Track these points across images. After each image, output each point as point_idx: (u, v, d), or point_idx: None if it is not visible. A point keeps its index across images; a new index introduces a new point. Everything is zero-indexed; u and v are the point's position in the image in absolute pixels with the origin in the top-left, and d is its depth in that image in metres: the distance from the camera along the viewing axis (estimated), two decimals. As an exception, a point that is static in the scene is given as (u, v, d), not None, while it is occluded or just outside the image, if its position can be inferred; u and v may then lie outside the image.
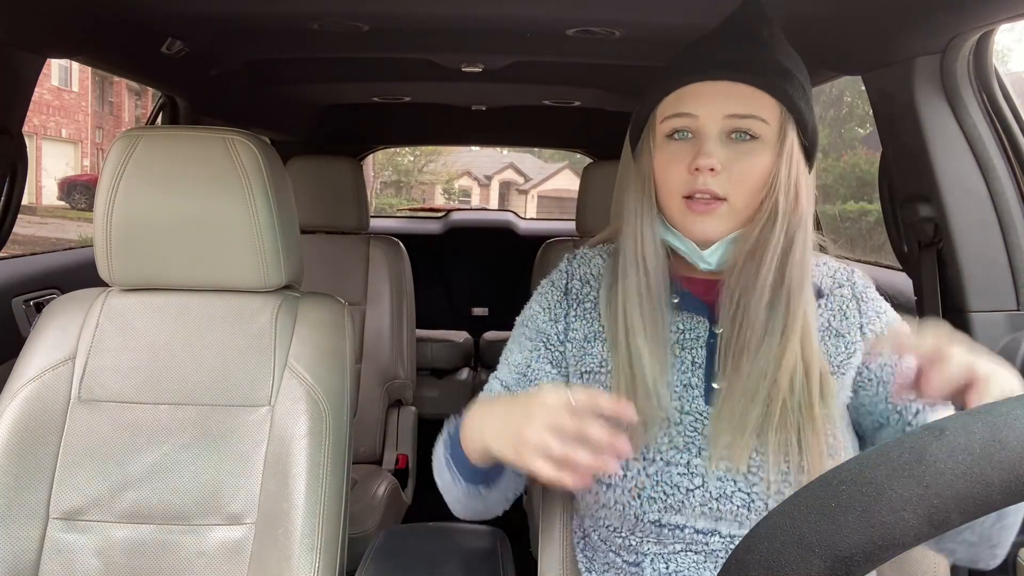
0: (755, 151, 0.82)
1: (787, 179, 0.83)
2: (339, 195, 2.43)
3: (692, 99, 0.83)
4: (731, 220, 0.83)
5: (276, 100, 2.56)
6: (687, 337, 0.89)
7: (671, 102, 0.85)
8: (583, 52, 1.86)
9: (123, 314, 1.21)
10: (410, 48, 1.96)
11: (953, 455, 0.42)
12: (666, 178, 0.84)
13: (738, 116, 0.82)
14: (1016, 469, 0.41)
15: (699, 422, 0.86)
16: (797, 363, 0.83)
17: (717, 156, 0.81)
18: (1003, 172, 1.27)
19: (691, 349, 0.89)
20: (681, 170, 0.83)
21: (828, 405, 0.83)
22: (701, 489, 0.83)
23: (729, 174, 0.81)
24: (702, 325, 0.89)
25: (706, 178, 0.81)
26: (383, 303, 2.41)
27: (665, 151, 0.85)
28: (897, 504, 0.42)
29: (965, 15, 1.12)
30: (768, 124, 0.82)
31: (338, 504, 1.13)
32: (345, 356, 1.22)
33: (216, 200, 1.16)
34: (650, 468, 0.84)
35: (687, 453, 0.84)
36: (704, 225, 0.83)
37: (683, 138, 0.84)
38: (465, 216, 3.88)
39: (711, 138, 0.82)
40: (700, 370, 0.88)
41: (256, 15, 1.64)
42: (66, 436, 1.15)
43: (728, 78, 0.82)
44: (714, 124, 0.82)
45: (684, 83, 0.84)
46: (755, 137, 0.82)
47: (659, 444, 0.85)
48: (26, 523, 1.11)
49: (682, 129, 0.83)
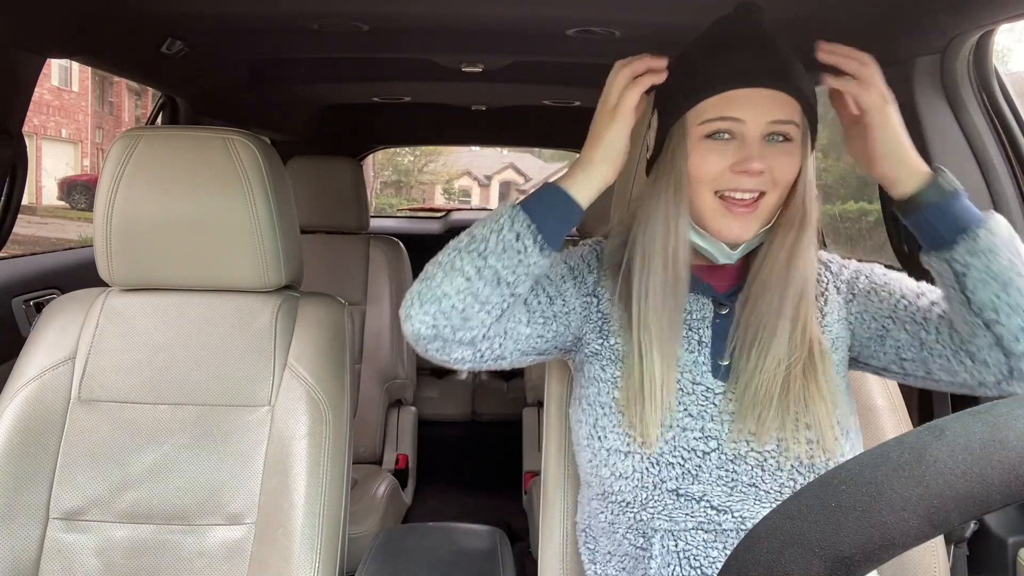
0: (789, 152, 0.87)
1: (809, 179, 0.89)
2: (339, 195, 2.43)
3: (738, 104, 0.86)
4: (760, 221, 0.88)
5: (276, 100, 2.56)
6: (694, 318, 0.94)
7: (713, 106, 0.87)
8: (583, 52, 1.86)
9: (123, 314, 1.21)
10: (410, 48, 1.96)
11: (953, 455, 0.42)
12: (703, 175, 0.87)
13: (780, 122, 0.86)
14: (1016, 469, 0.41)
15: (709, 392, 0.91)
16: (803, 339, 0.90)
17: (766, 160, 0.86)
18: (1003, 172, 1.27)
19: (698, 329, 0.94)
20: (722, 168, 0.86)
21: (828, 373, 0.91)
22: (716, 452, 0.88)
23: (771, 174, 0.86)
24: (707, 307, 0.95)
25: (752, 180, 0.86)
26: (383, 303, 2.41)
27: (704, 150, 0.88)
28: (897, 504, 0.42)
29: (965, 15, 1.12)
30: (799, 127, 0.87)
31: (338, 504, 1.13)
32: (345, 356, 1.22)
33: (216, 200, 1.16)
34: (667, 434, 0.89)
35: (701, 419, 0.90)
36: (741, 226, 0.87)
37: (721, 138, 0.87)
38: (465, 216, 3.88)
39: (756, 142, 0.86)
40: (707, 348, 0.93)
41: (256, 15, 1.64)
42: (66, 436, 1.15)
43: (770, 86, 0.86)
44: (759, 128, 0.86)
45: (727, 88, 0.87)
46: (789, 140, 0.87)
47: (675, 412, 0.90)
48: (26, 523, 1.11)
49: (726, 131, 0.87)
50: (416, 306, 0.85)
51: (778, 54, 0.88)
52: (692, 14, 1.49)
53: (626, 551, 0.92)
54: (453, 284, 0.84)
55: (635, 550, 0.91)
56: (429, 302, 0.84)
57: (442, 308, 0.84)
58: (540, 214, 0.85)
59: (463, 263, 0.84)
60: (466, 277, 0.84)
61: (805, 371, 0.90)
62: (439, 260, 0.87)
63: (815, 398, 0.88)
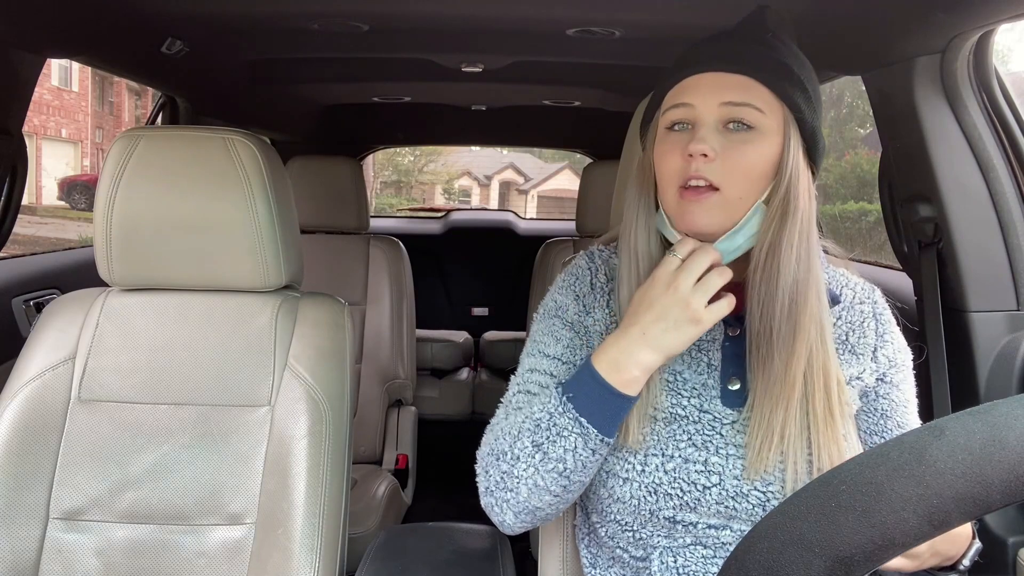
0: (750, 140, 0.81)
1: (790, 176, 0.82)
2: (339, 195, 2.43)
3: (689, 90, 0.84)
4: (723, 212, 0.82)
5: (276, 100, 2.56)
6: (703, 339, 0.89)
7: (671, 95, 0.86)
8: (583, 52, 1.86)
9: (123, 314, 1.21)
10: (410, 48, 1.96)
11: (953, 455, 0.42)
12: (663, 168, 0.84)
13: (732, 104, 0.81)
14: (1016, 469, 0.41)
15: (717, 421, 0.87)
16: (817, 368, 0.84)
17: (710, 143, 0.80)
18: (1003, 172, 1.27)
19: (707, 351, 0.89)
20: (677, 158, 0.82)
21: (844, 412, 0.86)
22: (718, 487, 0.84)
23: (723, 162, 0.81)
24: (718, 327, 0.89)
25: (699, 164, 0.80)
26: (383, 303, 2.41)
27: (664, 142, 0.85)
28: (897, 504, 0.42)
29: (965, 15, 1.12)
30: (764, 114, 0.81)
31: (338, 504, 1.13)
32: (345, 356, 1.22)
33: (216, 200, 1.16)
34: (668, 464, 0.85)
35: (705, 451, 0.85)
36: (695, 215, 0.81)
37: (682, 129, 0.84)
38: (465, 216, 3.88)
39: (706, 125, 0.82)
40: (716, 372, 0.89)
41: (256, 15, 1.64)
42: (66, 436, 1.15)
43: (723, 69, 0.82)
44: (709, 113, 0.82)
45: (684, 76, 0.85)
46: (751, 127, 0.81)
47: (678, 441, 0.86)
48: (26, 523, 1.11)
49: (681, 120, 0.84)
50: (510, 515, 0.86)
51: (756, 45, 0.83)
52: (692, 14, 1.50)
53: (626, 562, 0.91)
54: (543, 500, 0.84)
55: (635, 561, 0.90)
56: (525, 513, 0.85)
57: (538, 517, 0.86)
58: (606, 423, 0.81)
59: (547, 482, 0.83)
60: (554, 495, 0.84)
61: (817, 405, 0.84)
62: (517, 475, 0.84)
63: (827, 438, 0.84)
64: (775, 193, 0.83)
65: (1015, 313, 1.28)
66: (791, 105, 0.83)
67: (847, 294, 0.93)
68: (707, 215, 0.81)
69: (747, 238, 0.83)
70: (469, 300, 3.59)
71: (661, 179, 0.85)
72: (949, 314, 1.30)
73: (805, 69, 0.86)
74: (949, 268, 1.30)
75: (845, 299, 0.93)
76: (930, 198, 1.29)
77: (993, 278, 1.28)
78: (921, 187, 1.31)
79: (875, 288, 0.96)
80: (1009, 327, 1.27)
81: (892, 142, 1.39)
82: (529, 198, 21.73)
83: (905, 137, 1.32)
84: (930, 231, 1.31)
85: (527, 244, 3.14)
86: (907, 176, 1.36)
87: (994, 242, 1.28)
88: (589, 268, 0.96)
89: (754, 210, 0.82)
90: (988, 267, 1.28)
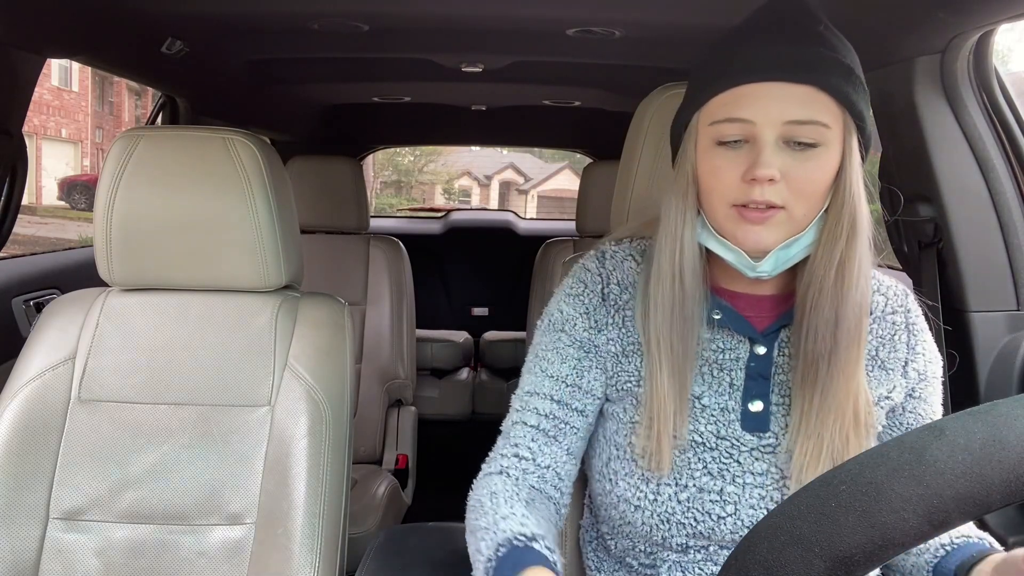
0: (815, 158, 0.74)
1: (853, 187, 0.77)
2: (339, 195, 2.43)
3: (747, 102, 0.74)
4: (787, 228, 0.76)
5: (276, 100, 2.56)
6: (726, 357, 0.84)
7: (721, 104, 0.76)
8: (583, 52, 1.86)
9: (123, 314, 1.21)
10: (410, 48, 1.96)
11: (953, 455, 0.42)
12: (714, 187, 0.77)
13: (798, 122, 0.73)
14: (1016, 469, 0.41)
15: (735, 448, 0.82)
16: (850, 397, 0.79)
17: (777, 166, 0.73)
18: (1003, 172, 1.27)
19: (730, 371, 0.83)
20: (734, 179, 0.75)
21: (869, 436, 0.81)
22: (732, 517, 0.81)
23: (788, 183, 0.74)
24: (743, 345, 0.84)
25: (763, 188, 0.73)
26: (383, 303, 2.41)
27: (714, 157, 0.77)
28: (897, 504, 0.42)
29: (965, 15, 1.12)
30: (830, 128, 0.74)
31: (338, 504, 1.13)
32: (345, 356, 1.22)
33: (216, 200, 1.16)
34: (682, 494, 0.81)
35: (721, 480, 0.81)
36: (759, 235, 0.75)
37: (734, 143, 0.76)
38: (465, 216, 3.88)
39: (768, 145, 0.74)
40: (738, 393, 0.83)
41: (256, 15, 1.64)
42: (66, 436, 1.15)
43: (787, 79, 0.73)
44: (772, 130, 0.74)
45: (736, 83, 0.75)
46: (815, 144, 0.74)
47: (692, 470, 0.81)
48: (26, 523, 1.11)
49: (735, 135, 0.75)
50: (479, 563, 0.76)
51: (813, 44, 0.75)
52: (692, 14, 1.50)
53: (634, 568, 0.88)
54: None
55: (643, 568, 0.87)
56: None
57: None
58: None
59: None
60: None
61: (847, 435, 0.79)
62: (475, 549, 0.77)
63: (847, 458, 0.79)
64: (835, 205, 0.77)
65: (1015, 313, 1.28)
66: (855, 113, 0.76)
67: (878, 301, 0.86)
68: (772, 234, 0.76)
69: (801, 248, 0.78)
70: (469, 300, 3.59)
71: (710, 193, 0.78)
72: (949, 314, 1.30)
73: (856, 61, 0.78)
74: (949, 268, 1.30)
75: (876, 308, 0.86)
76: (930, 198, 1.29)
77: (993, 278, 1.28)
78: (921, 187, 1.31)
79: (908, 292, 0.89)
80: (1009, 327, 1.27)
81: (892, 142, 1.39)
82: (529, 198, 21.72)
83: (905, 137, 1.32)
84: (930, 231, 1.31)
85: (527, 244, 3.14)
86: (907, 176, 1.36)
87: (994, 242, 1.28)
88: (600, 274, 0.88)
89: (815, 222, 0.77)
90: (988, 267, 1.28)
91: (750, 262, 0.78)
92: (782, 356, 0.84)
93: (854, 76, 0.76)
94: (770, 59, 0.74)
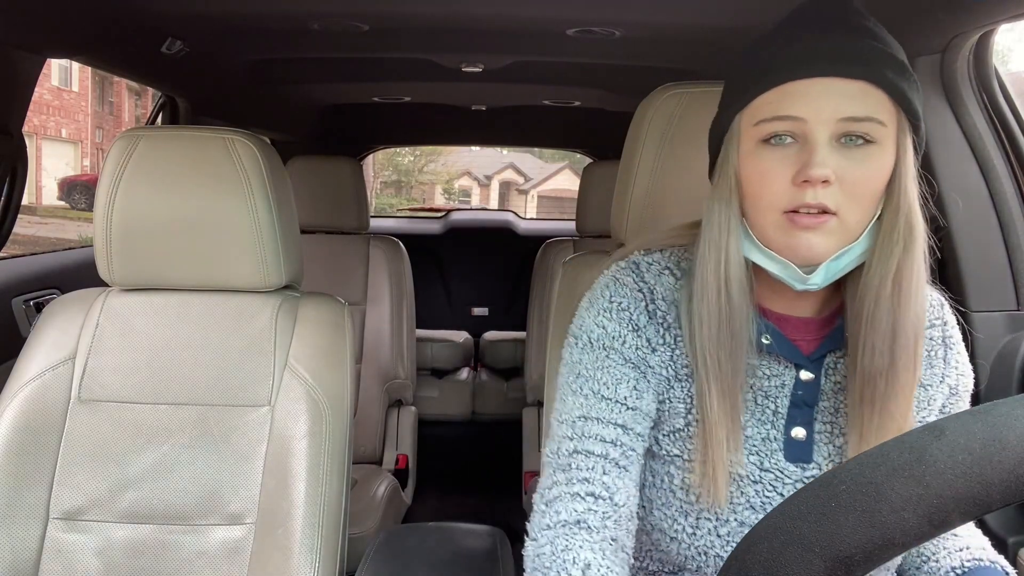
0: (871, 157, 0.69)
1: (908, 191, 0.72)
2: (339, 195, 2.43)
3: (797, 99, 0.69)
4: (840, 237, 0.70)
5: (276, 100, 2.56)
6: (771, 384, 0.78)
7: (767, 103, 0.71)
8: (583, 52, 1.86)
9: (123, 314, 1.21)
10: (410, 48, 1.96)
11: (953, 455, 0.42)
12: (762, 192, 0.71)
13: (854, 119, 0.68)
14: (1016, 469, 0.41)
15: (779, 480, 0.77)
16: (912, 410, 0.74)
17: (831, 166, 0.68)
18: (1003, 172, 1.27)
19: (775, 398, 0.78)
20: (783, 182, 0.70)
21: None
22: None
23: (842, 185, 0.69)
24: (788, 372, 0.78)
25: (816, 191, 0.68)
26: (383, 303, 2.41)
27: (759, 159, 0.71)
28: (897, 504, 0.42)
29: (965, 15, 1.12)
30: (885, 126, 0.70)
31: (338, 504, 1.13)
32: (345, 356, 1.22)
33: (216, 200, 1.16)
34: (722, 529, 0.77)
35: (763, 514, 0.76)
36: (811, 242, 0.70)
37: (780, 143, 0.71)
38: (465, 216, 3.88)
39: (821, 144, 0.68)
40: (781, 421, 0.78)
41: (256, 15, 1.64)
42: (66, 436, 1.15)
43: (840, 74, 0.68)
44: (825, 128, 0.69)
45: (786, 79, 0.70)
46: (870, 142, 0.69)
47: (735, 504, 0.77)
48: (26, 523, 1.11)
49: (783, 133, 0.70)
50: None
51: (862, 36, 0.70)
52: (692, 15, 1.50)
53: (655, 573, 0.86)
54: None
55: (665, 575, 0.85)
56: None
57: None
58: None
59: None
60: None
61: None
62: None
63: None
64: (890, 210, 0.72)
65: (1015, 313, 1.28)
66: (910, 111, 0.71)
67: None
68: (825, 242, 0.70)
69: (854, 258, 0.73)
70: (469, 300, 3.59)
71: (757, 200, 0.72)
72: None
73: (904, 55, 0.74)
74: (949, 268, 1.30)
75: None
76: (930, 198, 1.29)
77: (993, 278, 1.28)
78: (921, 187, 1.31)
79: (944, 303, 0.84)
80: (1009, 327, 1.27)
81: (892, 142, 1.39)
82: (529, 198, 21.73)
83: (905, 137, 1.32)
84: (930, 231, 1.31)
85: (527, 244, 3.14)
86: (907, 176, 1.36)
87: (994, 242, 1.28)
88: (640, 289, 0.81)
89: (869, 230, 0.72)
90: (988, 267, 1.28)
91: (800, 275, 0.72)
92: (828, 383, 0.79)
93: (907, 72, 0.71)
94: (821, 53, 0.69)
